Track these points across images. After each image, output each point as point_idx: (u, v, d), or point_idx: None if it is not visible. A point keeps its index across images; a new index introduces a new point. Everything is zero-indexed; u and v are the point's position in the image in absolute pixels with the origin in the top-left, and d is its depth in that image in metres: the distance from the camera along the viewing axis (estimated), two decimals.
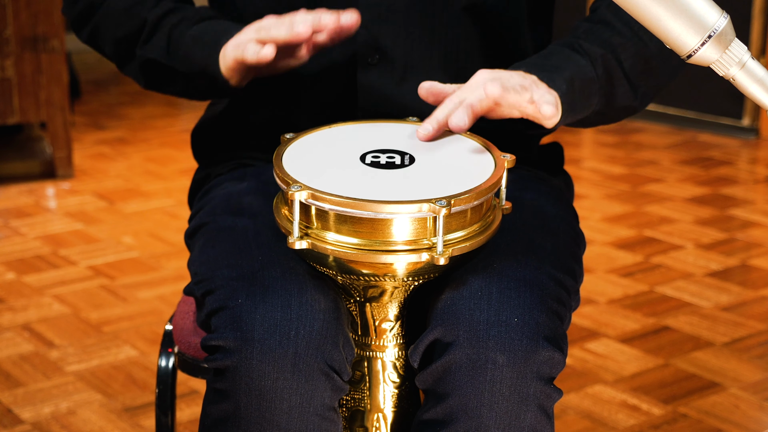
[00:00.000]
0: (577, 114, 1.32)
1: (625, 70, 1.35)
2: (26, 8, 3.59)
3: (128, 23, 1.42)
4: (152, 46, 1.40)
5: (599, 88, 1.33)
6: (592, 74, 1.32)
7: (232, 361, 1.19)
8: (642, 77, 1.37)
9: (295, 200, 1.15)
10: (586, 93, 1.31)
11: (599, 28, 1.35)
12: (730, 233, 3.32)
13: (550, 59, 1.32)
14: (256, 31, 1.30)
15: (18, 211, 3.49)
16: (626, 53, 1.34)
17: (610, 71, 1.33)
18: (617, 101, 1.36)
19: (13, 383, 2.38)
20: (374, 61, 1.40)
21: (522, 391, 1.19)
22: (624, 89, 1.36)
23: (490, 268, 1.24)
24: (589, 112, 1.34)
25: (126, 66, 1.47)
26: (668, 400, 2.32)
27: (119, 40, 1.44)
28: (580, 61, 1.31)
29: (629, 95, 1.37)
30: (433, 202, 1.12)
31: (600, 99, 1.34)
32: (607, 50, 1.33)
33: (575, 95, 1.29)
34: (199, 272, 1.32)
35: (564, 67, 1.30)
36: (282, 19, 1.29)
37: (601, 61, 1.33)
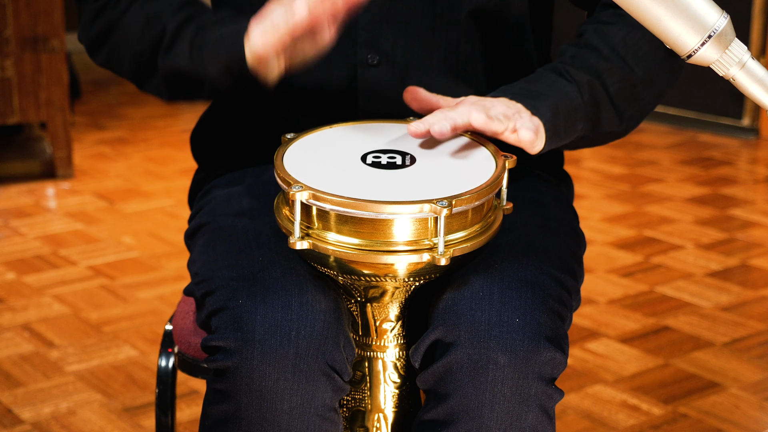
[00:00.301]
0: (561, 140, 1.32)
1: (610, 96, 1.35)
2: (26, 8, 3.59)
3: (148, 35, 1.37)
4: (174, 54, 1.35)
5: (585, 114, 1.33)
6: (578, 101, 1.32)
7: (233, 361, 1.19)
8: (628, 102, 1.37)
9: (296, 200, 1.15)
10: (571, 120, 1.32)
11: (586, 53, 1.36)
12: (730, 233, 3.32)
13: (536, 85, 1.32)
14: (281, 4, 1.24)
15: (18, 211, 3.49)
16: (612, 79, 1.35)
17: (596, 97, 1.34)
18: (602, 126, 1.37)
19: (13, 383, 2.38)
20: (375, 62, 1.40)
21: (523, 392, 1.19)
22: (610, 114, 1.36)
23: (491, 269, 1.24)
24: (573, 137, 1.35)
25: (147, 81, 1.41)
26: (668, 400, 2.32)
27: (139, 53, 1.39)
28: (566, 87, 1.32)
29: (615, 120, 1.37)
30: (435, 203, 1.12)
31: (585, 124, 1.35)
32: (594, 76, 1.34)
33: (559, 122, 1.30)
34: (199, 273, 1.32)
35: (549, 93, 1.30)
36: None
37: (588, 87, 1.33)
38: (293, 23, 1.21)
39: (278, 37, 1.24)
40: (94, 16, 1.42)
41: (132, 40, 1.39)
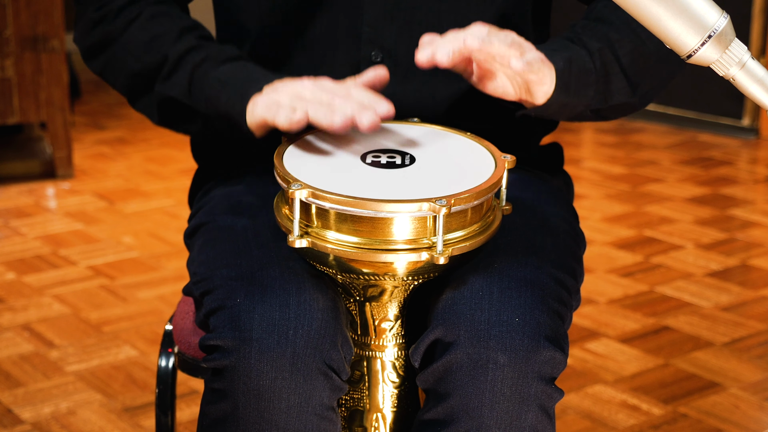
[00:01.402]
0: (571, 98, 1.29)
1: (622, 66, 1.33)
2: (26, 8, 3.59)
3: (147, 57, 1.36)
4: (173, 84, 1.34)
5: (595, 81, 1.31)
6: (590, 65, 1.30)
7: (231, 360, 1.19)
8: (640, 74, 1.35)
9: (296, 199, 1.15)
10: (582, 81, 1.29)
11: (597, 25, 1.34)
12: (730, 233, 3.32)
13: (549, 46, 1.30)
14: (291, 98, 1.24)
15: (18, 211, 3.49)
16: (624, 49, 1.33)
17: (607, 66, 1.32)
18: (614, 97, 1.35)
19: (13, 383, 2.38)
20: (378, 59, 1.39)
21: (523, 391, 1.19)
22: (621, 85, 1.34)
23: (491, 268, 1.24)
24: (584, 103, 1.32)
25: (139, 100, 1.41)
26: (668, 400, 2.32)
27: (136, 73, 1.38)
28: (579, 51, 1.30)
29: (627, 91, 1.35)
30: (434, 202, 1.12)
31: (596, 93, 1.32)
32: (605, 45, 1.32)
33: (571, 77, 1.27)
34: (198, 272, 1.32)
35: (561, 51, 1.28)
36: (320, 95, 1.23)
37: (599, 55, 1.31)
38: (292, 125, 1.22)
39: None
40: (92, 26, 1.41)
41: (130, 59, 1.38)
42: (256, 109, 1.26)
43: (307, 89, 1.24)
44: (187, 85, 1.33)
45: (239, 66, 1.33)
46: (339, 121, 1.19)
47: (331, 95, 1.23)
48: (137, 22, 1.38)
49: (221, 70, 1.32)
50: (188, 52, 1.34)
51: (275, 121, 1.23)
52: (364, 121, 1.19)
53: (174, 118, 1.39)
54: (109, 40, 1.40)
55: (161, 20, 1.38)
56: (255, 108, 1.26)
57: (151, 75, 1.37)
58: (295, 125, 1.22)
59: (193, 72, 1.33)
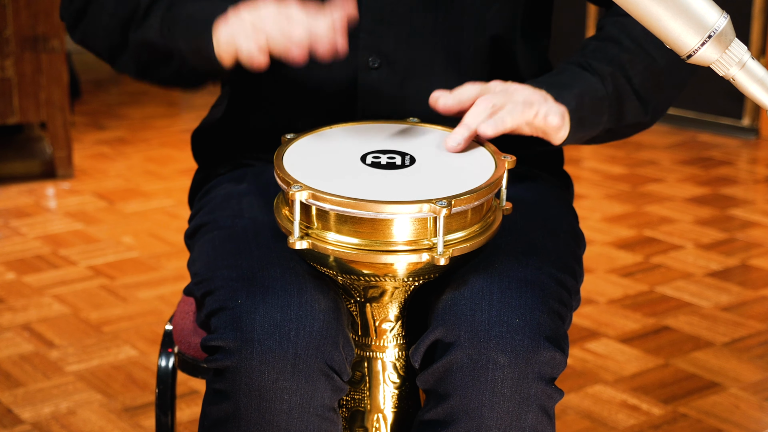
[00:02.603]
0: (586, 130, 1.32)
1: (634, 87, 1.35)
2: (26, 8, 3.59)
3: (121, 9, 1.38)
4: (146, 27, 1.36)
5: (609, 106, 1.33)
6: (602, 92, 1.32)
7: (232, 361, 1.19)
8: (652, 92, 1.37)
9: (296, 200, 1.15)
10: (596, 110, 1.32)
11: (607, 46, 1.36)
12: (730, 233, 3.32)
13: (560, 77, 1.33)
14: (252, 26, 1.25)
15: (18, 211, 3.49)
16: (635, 70, 1.35)
17: (619, 89, 1.34)
18: (627, 118, 1.37)
19: (13, 383, 2.38)
20: (376, 65, 1.39)
21: (523, 392, 1.19)
22: (634, 105, 1.36)
23: (491, 269, 1.24)
24: (599, 129, 1.35)
25: (118, 57, 1.42)
26: (668, 400, 2.32)
27: (112, 28, 1.40)
28: (590, 79, 1.32)
29: (639, 111, 1.37)
30: (434, 203, 1.12)
31: (610, 116, 1.35)
32: (616, 68, 1.34)
33: (584, 112, 1.30)
34: (198, 272, 1.32)
35: (573, 84, 1.31)
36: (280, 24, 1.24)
37: (611, 79, 1.33)
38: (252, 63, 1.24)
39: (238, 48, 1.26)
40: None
41: (105, 15, 1.40)
42: (221, 36, 1.27)
43: (268, 17, 1.25)
44: (159, 26, 1.34)
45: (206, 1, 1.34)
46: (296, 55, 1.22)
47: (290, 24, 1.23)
48: None
49: (190, 6, 1.33)
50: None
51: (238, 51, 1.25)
52: (320, 50, 1.21)
53: (150, 65, 1.39)
54: (86, 3, 1.42)
55: None
56: (218, 37, 1.28)
57: (126, 25, 1.38)
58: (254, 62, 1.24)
59: (163, 14, 1.35)
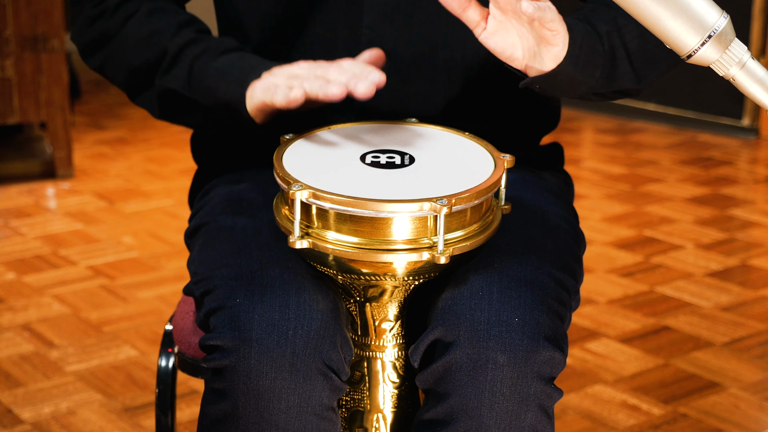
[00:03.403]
0: (578, 72, 1.27)
1: (629, 52, 1.33)
2: (26, 8, 3.59)
3: (147, 52, 1.38)
4: (173, 77, 1.36)
5: (603, 63, 1.30)
6: (599, 47, 1.29)
7: (230, 360, 1.19)
8: (645, 61, 1.35)
9: (296, 199, 1.15)
10: (591, 59, 1.27)
11: (604, 9, 1.33)
12: (730, 233, 3.32)
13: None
14: (287, 78, 1.26)
15: (18, 211, 3.49)
16: (630, 34, 1.32)
17: (614, 49, 1.31)
18: (618, 81, 1.34)
19: (13, 383, 2.38)
20: None
21: (522, 391, 1.19)
22: (626, 70, 1.33)
23: (490, 268, 1.24)
24: (590, 83, 1.31)
25: (139, 95, 1.42)
26: (668, 400, 2.32)
27: (135, 68, 1.39)
28: (590, 32, 1.29)
29: (631, 77, 1.34)
30: (434, 201, 1.12)
31: (602, 73, 1.31)
32: (613, 28, 1.31)
33: (582, 51, 1.25)
34: (198, 272, 1.32)
35: (576, 29, 1.27)
36: (315, 71, 1.25)
37: (607, 38, 1.30)
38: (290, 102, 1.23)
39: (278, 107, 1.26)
40: (90, 22, 1.42)
41: (129, 54, 1.39)
42: (255, 93, 1.28)
43: (302, 68, 1.27)
44: (187, 77, 1.34)
45: (238, 56, 1.35)
46: (335, 91, 1.20)
47: (324, 70, 1.25)
48: (135, 17, 1.39)
49: (220, 61, 1.34)
50: (187, 45, 1.36)
51: (273, 100, 1.24)
52: (361, 88, 1.20)
53: (174, 111, 1.40)
54: (108, 36, 1.41)
55: (159, 16, 1.39)
56: (254, 93, 1.28)
57: (151, 69, 1.38)
58: (293, 102, 1.22)
59: (192, 64, 1.34)
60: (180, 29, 1.38)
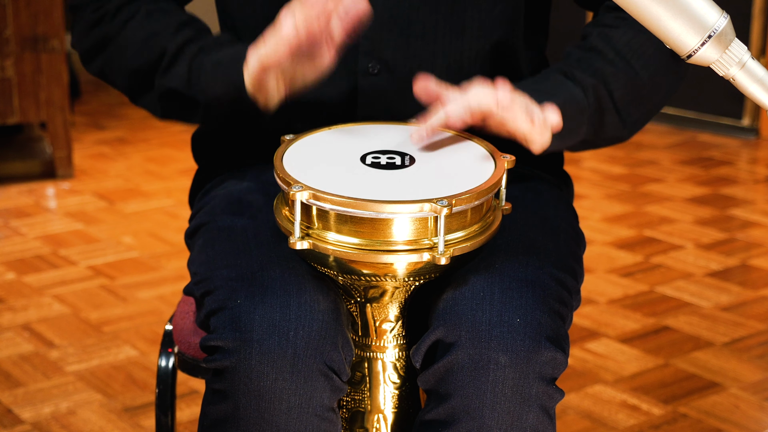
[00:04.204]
0: (565, 141, 1.31)
1: (615, 101, 1.34)
2: (26, 8, 3.59)
3: (146, 53, 1.38)
4: (172, 76, 1.36)
5: (589, 118, 1.33)
6: (584, 104, 1.31)
7: (231, 361, 1.19)
8: (632, 106, 1.37)
9: (296, 200, 1.15)
10: (576, 122, 1.31)
11: (591, 56, 1.35)
12: (730, 233, 3.32)
13: (543, 84, 1.31)
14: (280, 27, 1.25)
15: (18, 211, 3.49)
16: (617, 83, 1.34)
17: (600, 101, 1.33)
18: (606, 131, 1.36)
19: (13, 383, 2.38)
20: (376, 71, 1.39)
21: (524, 392, 1.19)
22: (613, 119, 1.36)
23: (491, 269, 1.24)
24: (576, 140, 1.34)
25: (141, 97, 1.42)
26: (668, 400, 2.32)
27: (135, 70, 1.39)
28: (573, 89, 1.31)
29: (618, 126, 1.37)
30: (435, 202, 1.12)
31: (589, 128, 1.34)
32: (599, 80, 1.33)
33: (565, 121, 1.28)
34: (198, 272, 1.32)
35: (556, 93, 1.29)
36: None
37: (593, 91, 1.32)
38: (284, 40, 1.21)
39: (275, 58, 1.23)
40: (90, 27, 1.42)
41: (130, 57, 1.39)
42: (249, 63, 1.27)
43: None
44: (187, 75, 1.35)
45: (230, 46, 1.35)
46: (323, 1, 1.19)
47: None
48: (135, 20, 1.39)
49: (215, 55, 1.34)
50: (186, 44, 1.36)
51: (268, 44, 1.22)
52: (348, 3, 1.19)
53: (176, 110, 1.40)
54: (108, 40, 1.41)
55: (158, 17, 1.39)
56: (248, 65, 1.27)
57: (151, 70, 1.38)
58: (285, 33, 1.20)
59: (191, 62, 1.35)
60: (179, 29, 1.38)
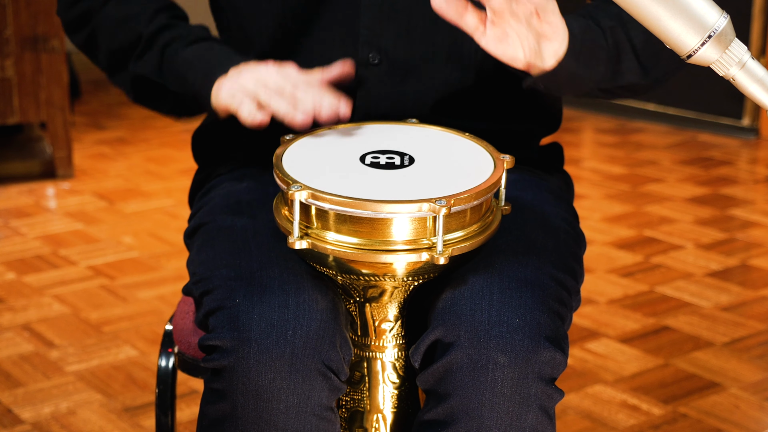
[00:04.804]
0: (580, 68, 1.26)
1: (634, 47, 1.31)
2: (26, 8, 3.59)
3: (122, 36, 1.41)
4: (144, 63, 1.39)
5: (607, 58, 1.29)
6: (602, 42, 1.28)
7: (229, 361, 1.19)
8: (653, 56, 1.33)
9: (296, 200, 1.15)
10: (593, 54, 1.27)
11: (609, 5, 1.32)
12: (730, 233, 3.32)
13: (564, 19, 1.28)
14: (255, 86, 1.28)
15: (18, 211, 3.49)
16: (636, 29, 1.31)
17: (619, 44, 1.30)
18: (624, 76, 1.32)
19: (13, 383, 2.38)
20: (376, 61, 1.40)
21: (523, 392, 1.18)
22: (632, 65, 1.32)
23: (491, 268, 1.24)
24: (594, 78, 1.30)
25: (116, 75, 1.45)
26: (668, 400, 2.32)
27: (113, 51, 1.43)
28: (592, 27, 1.28)
29: (638, 72, 1.33)
30: (433, 202, 1.12)
31: (606, 69, 1.30)
32: (617, 23, 1.30)
33: (583, 46, 1.24)
34: (197, 272, 1.32)
35: (575, 24, 1.25)
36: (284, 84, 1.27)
37: (611, 33, 1.29)
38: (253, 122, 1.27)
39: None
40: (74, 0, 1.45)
41: (106, 37, 1.43)
42: (221, 94, 1.30)
43: (271, 76, 1.28)
44: (158, 64, 1.38)
45: (206, 47, 1.37)
46: (300, 120, 1.25)
47: (294, 86, 1.27)
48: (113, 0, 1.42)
49: (189, 51, 1.37)
50: (160, 32, 1.39)
51: (238, 112, 1.28)
52: (323, 118, 1.25)
53: (147, 95, 1.43)
54: (89, 16, 1.45)
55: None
56: (220, 92, 1.31)
57: (126, 53, 1.41)
58: (255, 124, 1.27)
59: (163, 51, 1.38)
60: (156, 15, 1.41)
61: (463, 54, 1.41)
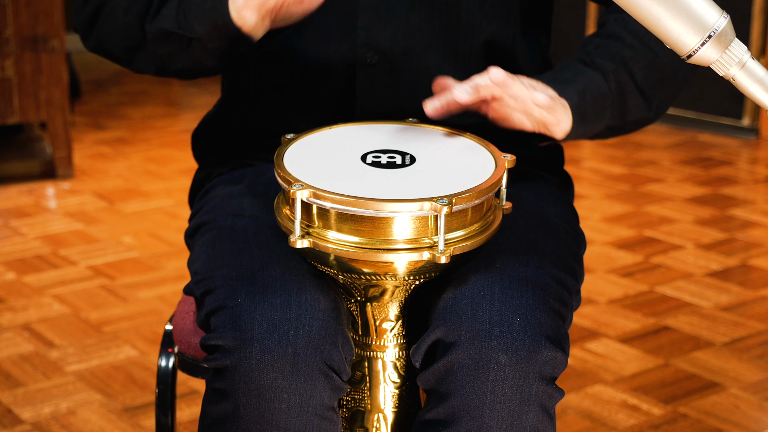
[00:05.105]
0: (588, 126, 1.33)
1: (637, 83, 1.36)
2: (26, 8, 3.59)
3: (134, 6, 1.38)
4: (162, 17, 1.36)
5: (612, 102, 1.35)
6: (605, 88, 1.33)
7: (231, 360, 1.19)
8: (655, 88, 1.38)
9: (297, 199, 1.15)
10: (598, 106, 1.33)
11: (609, 43, 1.37)
12: (730, 233, 3.32)
13: (563, 73, 1.33)
14: None
15: (18, 211, 3.49)
16: (638, 66, 1.36)
17: (622, 85, 1.35)
18: (631, 114, 1.38)
19: (13, 383, 2.38)
20: (373, 61, 1.40)
21: (524, 391, 1.19)
22: (637, 102, 1.37)
23: (491, 268, 1.24)
24: (601, 126, 1.36)
25: (135, 56, 1.41)
26: (668, 400, 2.32)
27: (127, 25, 1.39)
28: (593, 75, 1.33)
29: (643, 107, 1.39)
30: (435, 201, 1.12)
31: (613, 113, 1.36)
32: (619, 64, 1.35)
33: (587, 106, 1.31)
34: (198, 272, 1.32)
35: (576, 80, 1.32)
36: None
37: (613, 76, 1.34)
38: None
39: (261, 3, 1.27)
40: (83, 2, 1.43)
41: (119, 13, 1.39)
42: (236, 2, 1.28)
43: None
44: (175, 14, 1.34)
45: None
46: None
47: None
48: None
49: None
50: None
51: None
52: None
53: (170, 54, 1.38)
54: (100, 7, 1.42)
55: None
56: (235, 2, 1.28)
57: (141, 20, 1.38)
58: None
59: (179, 2, 1.34)
60: None
61: (460, 54, 1.41)
